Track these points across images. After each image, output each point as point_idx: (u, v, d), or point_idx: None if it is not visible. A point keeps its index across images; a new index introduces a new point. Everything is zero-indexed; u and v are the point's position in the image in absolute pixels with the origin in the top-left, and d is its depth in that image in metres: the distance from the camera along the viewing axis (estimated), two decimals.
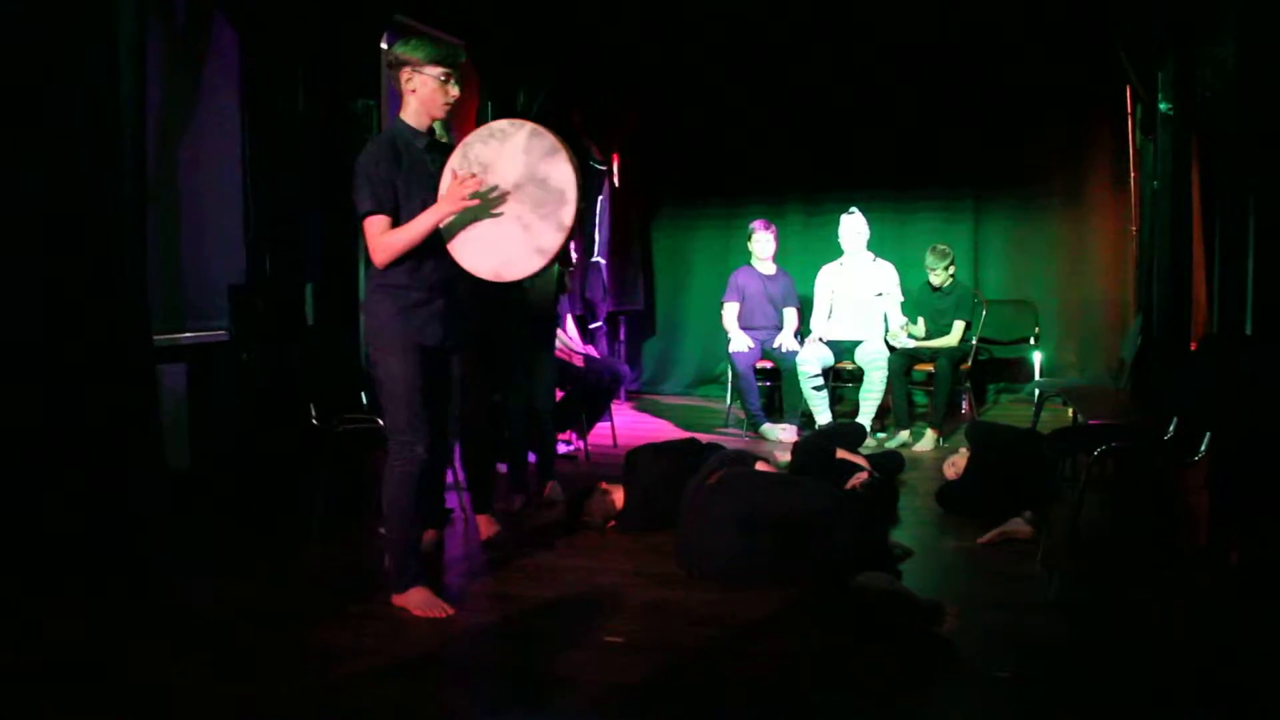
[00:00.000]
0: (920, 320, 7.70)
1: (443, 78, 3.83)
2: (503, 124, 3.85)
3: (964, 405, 7.94)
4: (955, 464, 5.61)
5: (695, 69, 8.93)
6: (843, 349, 7.53)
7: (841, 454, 5.52)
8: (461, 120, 7.96)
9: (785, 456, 5.92)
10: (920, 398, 8.17)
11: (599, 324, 8.72)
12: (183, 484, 5.07)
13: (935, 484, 5.64)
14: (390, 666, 3.41)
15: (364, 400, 5.21)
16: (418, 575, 3.94)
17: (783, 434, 7.39)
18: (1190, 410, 4.28)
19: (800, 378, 7.42)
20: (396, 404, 3.86)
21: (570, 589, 4.15)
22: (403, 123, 3.89)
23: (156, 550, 4.34)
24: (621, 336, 9.54)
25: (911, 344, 7.51)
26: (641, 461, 5.25)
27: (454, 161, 3.83)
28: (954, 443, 6.94)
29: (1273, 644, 3.56)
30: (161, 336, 4.88)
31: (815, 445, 5.74)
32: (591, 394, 6.91)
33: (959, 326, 7.56)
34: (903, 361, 7.34)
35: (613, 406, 7.47)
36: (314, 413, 4.81)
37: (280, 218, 5.52)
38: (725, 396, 8.23)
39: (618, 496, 5.07)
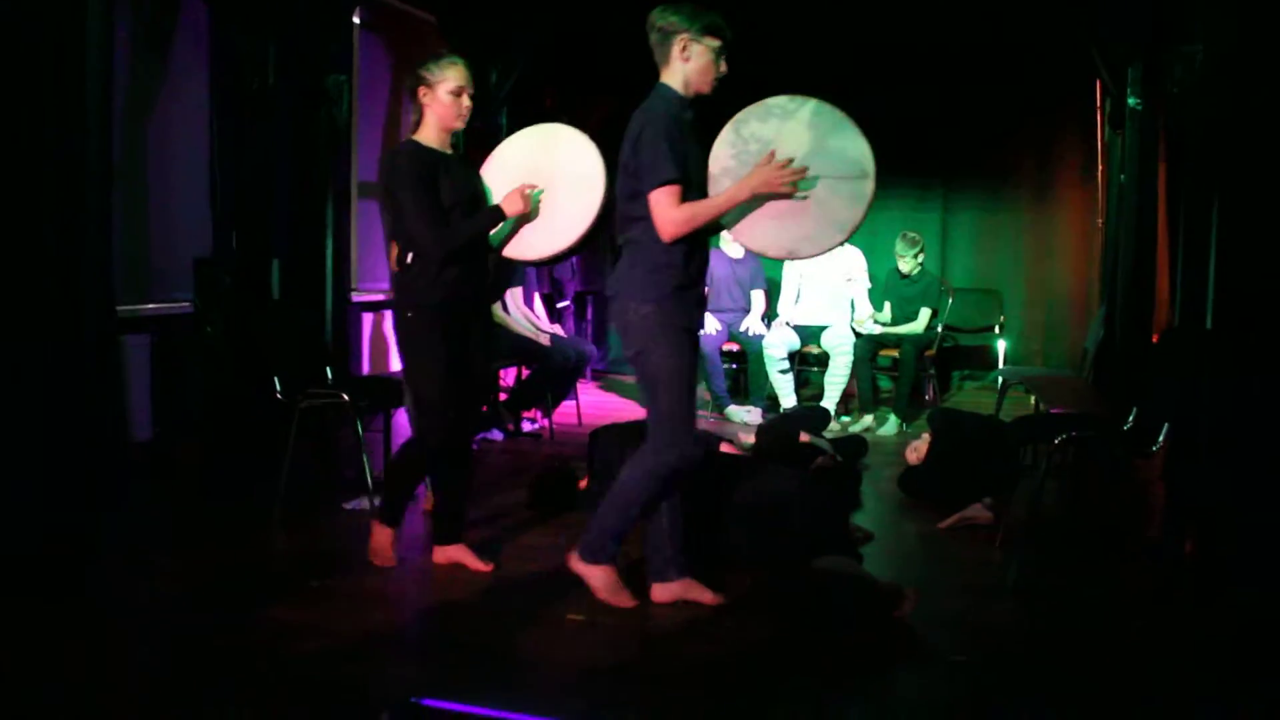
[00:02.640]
0: (887, 306, 7.75)
1: (717, 54, 3.66)
2: (781, 100, 3.69)
3: (928, 391, 8.00)
4: (918, 449, 5.65)
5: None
6: (809, 333, 7.56)
7: (805, 438, 5.56)
8: None
9: (749, 439, 5.94)
10: (885, 383, 8.22)
11: (566, 303, 8.71)
12: (145, 456, 5.05)
13: (897, 469, 5.69)
14: (352, 644, 3.41)
15: (329, 375, 5.19)
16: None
17: (747, 416, 7.42)
18: (1150, 402, 4.34)
19: (766, 361, 7.45)
20: (671, 393, 3.60)
21: (533, 567, 4.16)
22: (672, 90, 3.65)
23: (117, 522, 4.31)
24: (589, 316, 9.53)
25: (878, 329, 7.56)
26: (605, 441, 5.26)
27: (726, 138, 3.68)
28: (917, 428, 6.99)
29: (1225, 634, 3.62)
30: (125, 308, 4.84)
31: (779, 428, 5.76)
32: (557, 373, 6.91)
33: (925, 313, 7.61)
34: (868, 347, 7.39)
35: (578, 386, 7.48)
36: (279, 387, 4.79)
37: (248, 192, 5.47)
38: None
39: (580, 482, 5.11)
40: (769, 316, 7.84)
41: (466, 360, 4.00)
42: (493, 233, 3.99)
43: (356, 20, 6.73)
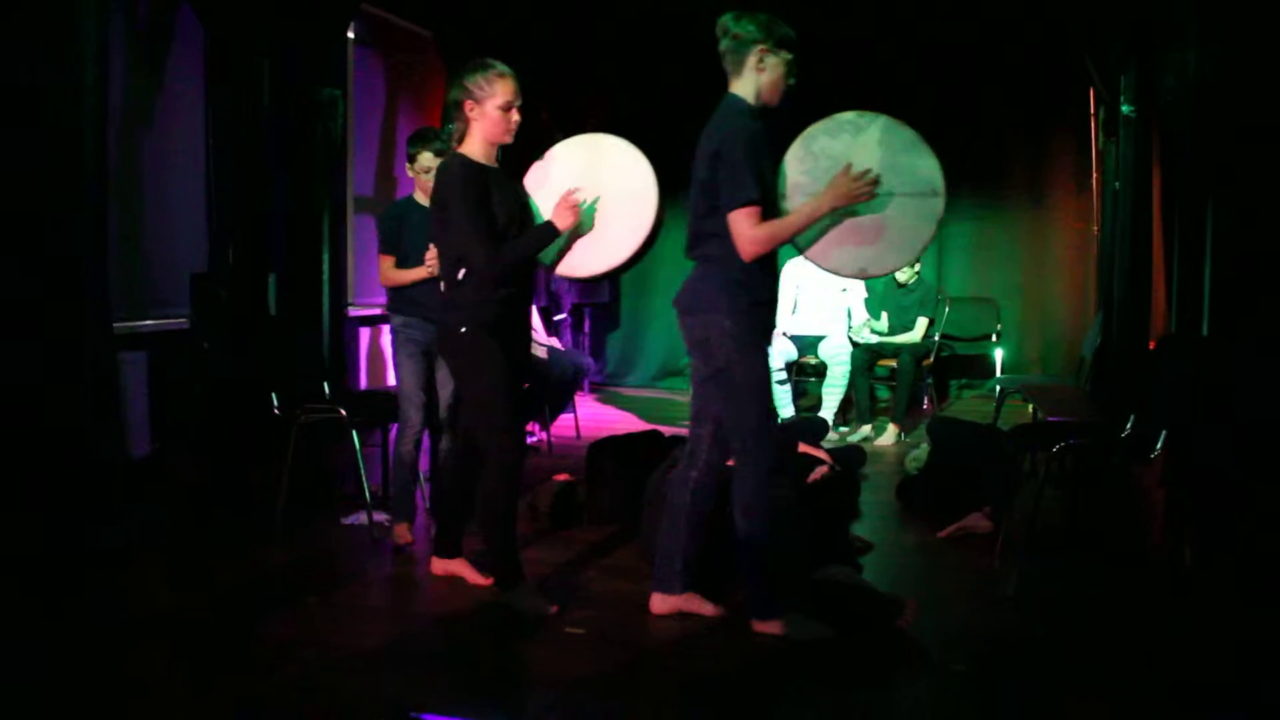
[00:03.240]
0: (884, 315, 7.75)
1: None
2: (850, 115, 3.67)
3: (926, 401, 8.00)
4: (916, 459, 5.65)
5: (663, 63, 8.93)
6: (806, 343, 7.56)
7: (803, 448, 5.55)
8: (429, 113, 7.93)
9: None
10: (883, 393, 8.22)
11: (563, 316, 8.71)
12: (142, 472, 5.03)
13: (896, 478, 5.68)
14: (350, 659, 3.40)
15: (326, 390, 5.18)
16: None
17: None
18: (1148, 408, 4.34)
19: None
20: (761, 404, 3.59)
21: (531, 581, 4.15)
22: (744, 101, 3.59)
23: (116, 539, 4.30)
24: (586, 329, 9.54)
25: (875, 339, 7.56)
26: (605, 454, 5.25)
27: (795, 153, 3.65)
28: (915, 438, 6.99)
29: (1224, 639, 3.62)
30: (122, 324, 4.84)
31: (778, 439, 5.75)
32: (555, 386, 6.91)
33: (922, 323, 7.61)
34: (866, 357, 7.39)
35: (576, 398, 7.48)
36: (276, 402, 4.78)
37: (244, 206, 5.47)
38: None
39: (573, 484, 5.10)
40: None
41: (516, 377, 3.93)
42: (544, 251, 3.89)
43: (351, 35, 6.73)
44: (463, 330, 3.77)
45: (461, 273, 3.79)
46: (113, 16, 4.63)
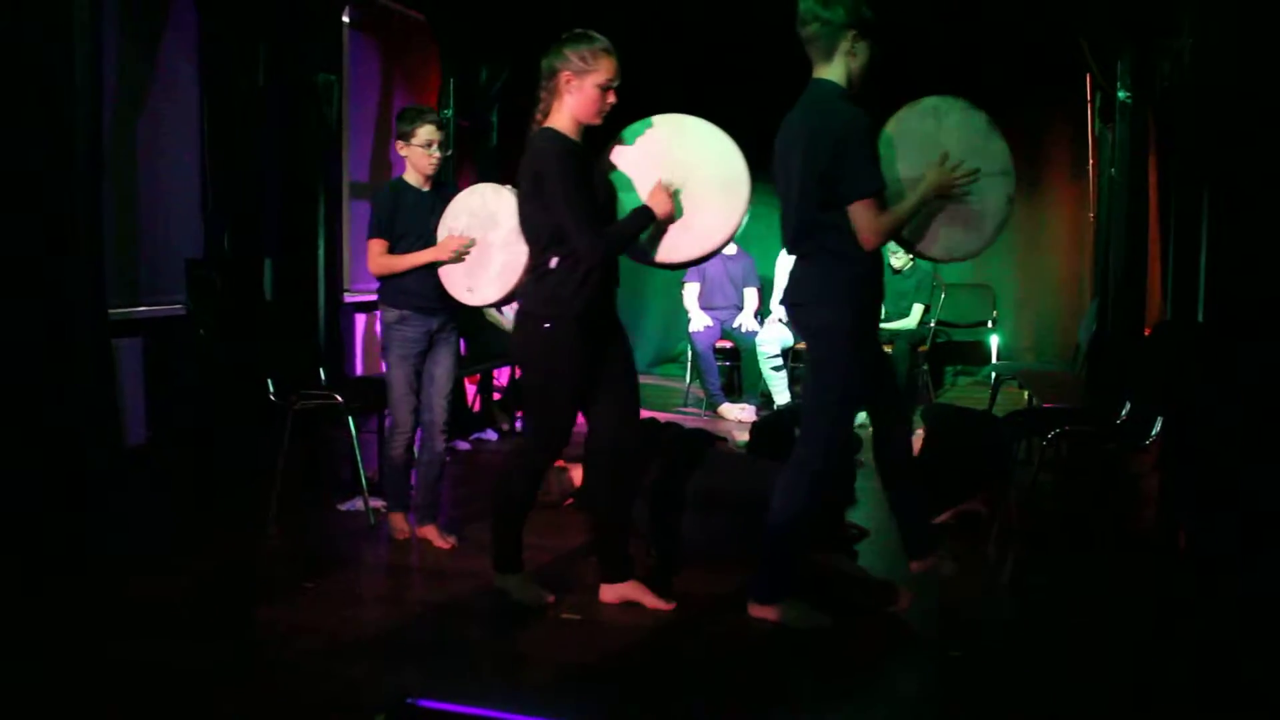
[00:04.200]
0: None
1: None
2: (933, 100, 3.69)
3: (921, 387, 8.00)
4: (912, 445, 5.64)
5: (659, 50, 8.90)
6: None
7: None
8: (424, 99, 7.91)
9: (743, 436, 5.94)
10: None
11: None
12: (139, 459, 5.03)
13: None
14: (347, 645, 3.41)
15: (322, 376, 5.18)
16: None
17: (741, 414, 7.42)
18: (1143, 395, 4.34)
19: (759, 358, 7.46)
20: (850, 405, 3.63)
21: (527, 566, 4.15)
22: (839, 87, 3.55)
23: (112, 526, 4.30)
24: None
25: None
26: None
27: (888, 141, 3.63)
28: (911, 424, 6.98)
29: (1219, 625, 3.63)
30: (117, 310, 4.83)
31: (773, 425, 5.76)
32: None
33: (918, 309, 7.61)
34: None
35: None
36: (272, 388, 4.78)
37: (239, 193, 5.46)
38: (685, 376, 8.24)
39: (576, 474, 5.08)
40: (762, 313, 7.84)
41: (617, 370, 3.79)
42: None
43: (346, 19, 6.71)
44: (547, 325, 3.58)
45: (553, 260, 3.56)
46: (106, 1, 4.61)
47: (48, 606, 3.67)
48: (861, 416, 7.21)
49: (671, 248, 3.71)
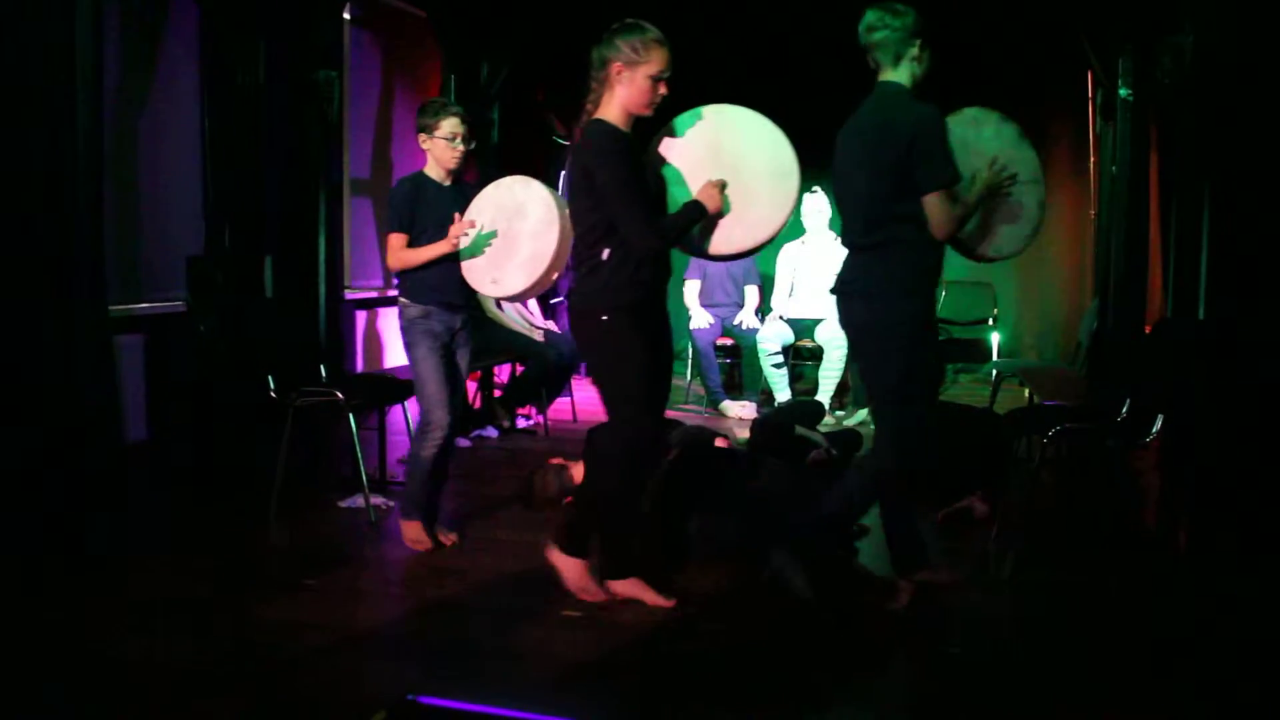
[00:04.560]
0: None
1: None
2: (974, 111, 3.84)
3: None
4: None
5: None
6: (803, 327, 7.56)
7: (800, 431, 5.56)
8: (425, 95, 7.91)
9: (744, 433, 5.94)
10: None
11: (560, 299, 8.69)
12: (139, 456, 5.03)
13: None
14: (348, 642, 3.41)
15: (323, 373, 5.18)
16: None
17: (742, 411, 7.42)
18: (1144, 393, 4.34)
19: (760, 355, 7.46)
20: (930, 394, 3.76)
21: (528, 564, 4.15)
22: (904, 85, 3.74)
23: (112, 523, 4.30)
24: None
25: None
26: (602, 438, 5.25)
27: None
28: None
29: (1219, 622, 3.63)
30: (118, 307, 4.83)
31: (774, 422, 5.77)
32: (551, 369, 6.90)
33: None
34: None
35: (573, 382, 7.48)
36: (272, 385, 4.78)
37: (240, 189, 5.46)
38: (685, 373, 8.25)
39: (576, 472, 5.08)
40: (763, 311, 7.84)
41: (656, 368, 3.70)
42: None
43: (347, 16, 6.70)
44: (604, 317, 3.54)
45: (605, 253, 3.53)
46: None
47: (48, 604, 3.67)
48: (863, 414, 7.25)
49: (724, 240, 3.69)
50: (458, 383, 4.42)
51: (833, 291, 3.77)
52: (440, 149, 4.32)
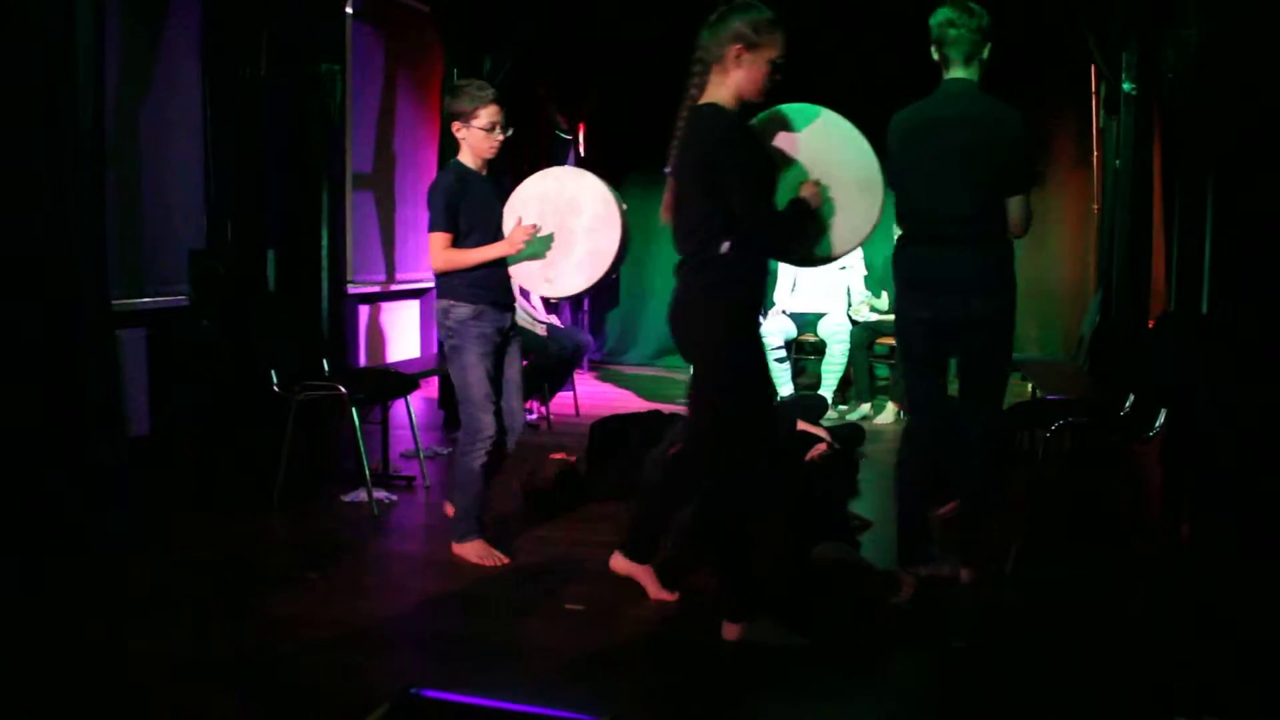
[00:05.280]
0: (884, 294, 7.74)
1: None
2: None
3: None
4: (875, 308, 5.59)
5: (662, 36, 8.88)
6: (805, 321, 7.55)
7: (802, 426, 5.56)
8: (427, 89, 7.91)
9: None
10: (882, 371, 8.20)
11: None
12: (142, 450, 5.04)
13: (895, 457, 5.68)
14: (351, 636, 3.41)
15: (325, 368, 5.18)
16: None
17: None
18: (1146, 387, 4.34)
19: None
20: (1006, 374, 3.97)
21: (531, 558, 4.16)
22: (974, 83, 3.87)
23: (115, 517, 4.31)
24: (585, 306, 9.53)
25: (874, 317, 7.55)
26: (605, 432, 5.26)
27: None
28: None
29: (1223, 617, 3.63)
30: (120, 301, 4.83)
31: (776, 417, 5.76)
32: (554, 363, 6.91)
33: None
34: (865, 335, 7.38)
35: (575, 376, 7.48)
36: (275, 380, 4.78)
37: (242, 183, 5.46)
38: (688, 367, 8.23)
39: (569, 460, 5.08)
40: (765, 305, 7.83)
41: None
42: None
43: (349, 9, 6.70)
44: (725, 310, 3.33)
45: (725, 245, 3.27)
46: None
47: (50, 597, 3.67)
48: (865, 409, 7.24)
49: (812, 247, 3.60)
50: (512, 387, 4.22)
51: (922, 289, 3.75)
52: (477, 139, 4.05)
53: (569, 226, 4.05)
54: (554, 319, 7.38)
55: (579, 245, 4.03)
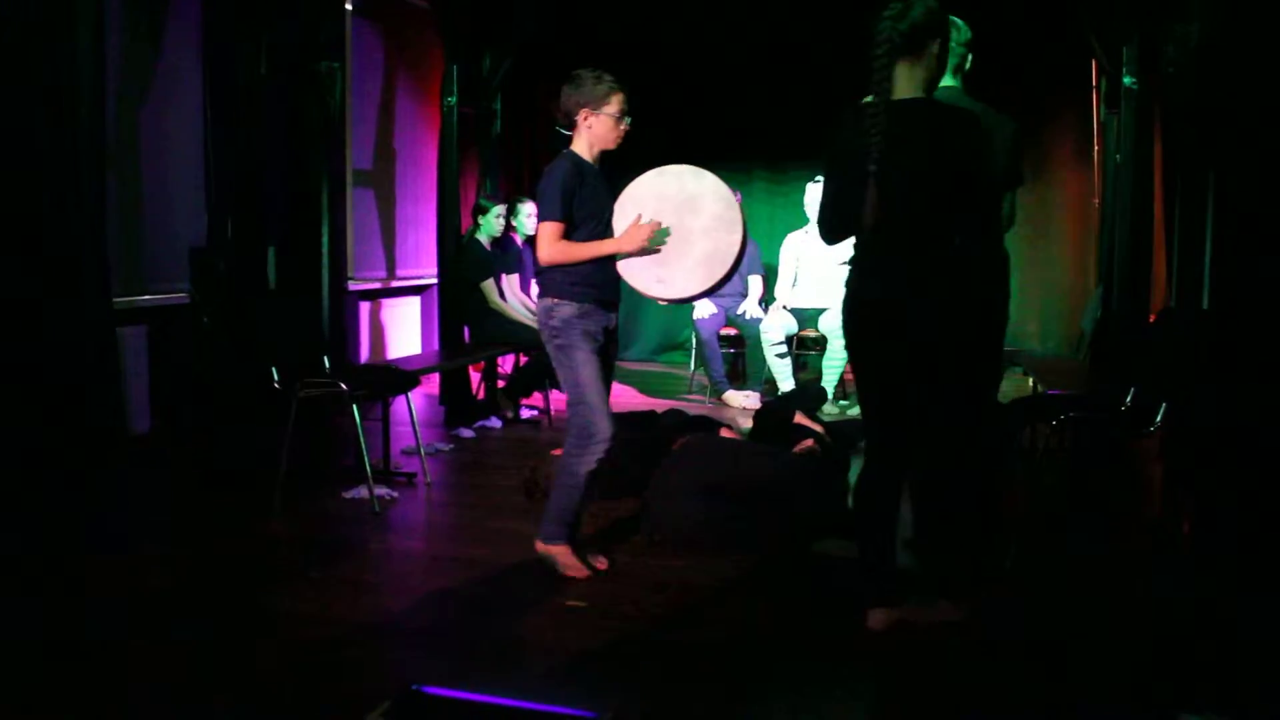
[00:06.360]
0: None
1: None
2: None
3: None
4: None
5: (660, 37, 8.88)
6: (806, 317, 7.55)
7: (799, 418, 5.54)
8: (427, 86, 7.91)
9: (748, 423, 5.94)
10: None
11: None
12: (143, 447, 5.04)
13: None
14: (352, 633, 3.41)
15: (326, 365, 5.18)
16: None
17: (746, 401, 7.42)
18: (1147, 381, 4.34)
19: (764, 345, 7.46)
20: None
21: (532, 555, 4.16)
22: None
23: (115, 514, 4.31)
24: None
25: None
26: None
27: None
28: None
29: (1223, 611, 3.63)
30: (121, 299, 4.83)
31: (775, 410, 5.76)
32: None
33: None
34: None
35: None
36: (276, 376, 4.78)
37: (243, 181, 5.46)
38: (689, 363, 8.25)
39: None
40: (766, 301, 7.83)
41: None
42: None
43: (348, 6, 6.70)
44: (982, 303, 3.35)
45: (956, 238, 3.25)
46: None
47: (50, 596, 3.68)
48: None
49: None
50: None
51: (966, 291, 3.67)
52: (606, 127, 3.89)
53: (686, 226, 3.88)
54: None
55: (696, 246, 3.86)
